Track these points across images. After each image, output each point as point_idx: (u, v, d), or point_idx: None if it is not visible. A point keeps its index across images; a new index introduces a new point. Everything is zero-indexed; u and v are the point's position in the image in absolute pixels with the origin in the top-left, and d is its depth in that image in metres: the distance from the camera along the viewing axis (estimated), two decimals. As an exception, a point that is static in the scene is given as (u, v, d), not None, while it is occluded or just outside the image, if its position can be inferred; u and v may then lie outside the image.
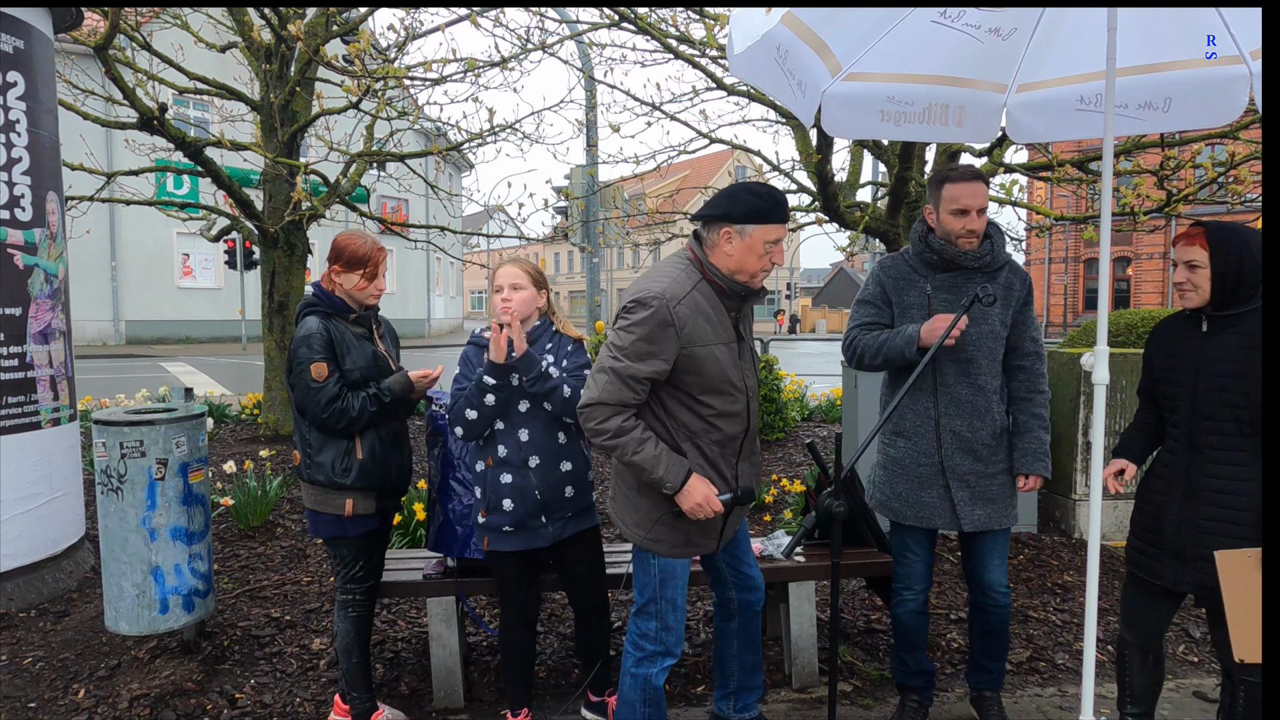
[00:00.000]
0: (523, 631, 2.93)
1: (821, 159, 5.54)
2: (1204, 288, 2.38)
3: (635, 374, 2.29)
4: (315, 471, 2.82)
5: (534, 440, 2.74)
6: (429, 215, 26.72)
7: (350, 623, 2.95)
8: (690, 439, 2.42)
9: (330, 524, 2.86)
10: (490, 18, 5.73)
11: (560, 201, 10.76)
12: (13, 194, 3.96)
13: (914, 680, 3.01)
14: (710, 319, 2.37)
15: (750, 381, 2.52)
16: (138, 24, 5.98)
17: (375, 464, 2.86)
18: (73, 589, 4.19)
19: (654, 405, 2.41)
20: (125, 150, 9.37)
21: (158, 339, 24.56)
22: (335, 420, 2.75)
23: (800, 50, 2.55)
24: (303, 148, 7.22)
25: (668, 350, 2.30)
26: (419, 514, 4.47)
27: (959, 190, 2.70)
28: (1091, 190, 8.24)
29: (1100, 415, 2.35)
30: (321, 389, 2.73)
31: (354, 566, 2.93)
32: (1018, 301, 2.82)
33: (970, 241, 2.74)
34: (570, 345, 2.88)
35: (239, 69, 7.17)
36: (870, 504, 3.06)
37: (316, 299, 2.89)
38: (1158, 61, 2.72)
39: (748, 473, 2.58)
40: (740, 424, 2.48)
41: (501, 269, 2.82)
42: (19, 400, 3.98)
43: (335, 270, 2.87)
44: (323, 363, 2.74)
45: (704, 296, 2.37)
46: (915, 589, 2.93)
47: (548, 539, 2.79)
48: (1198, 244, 2.38)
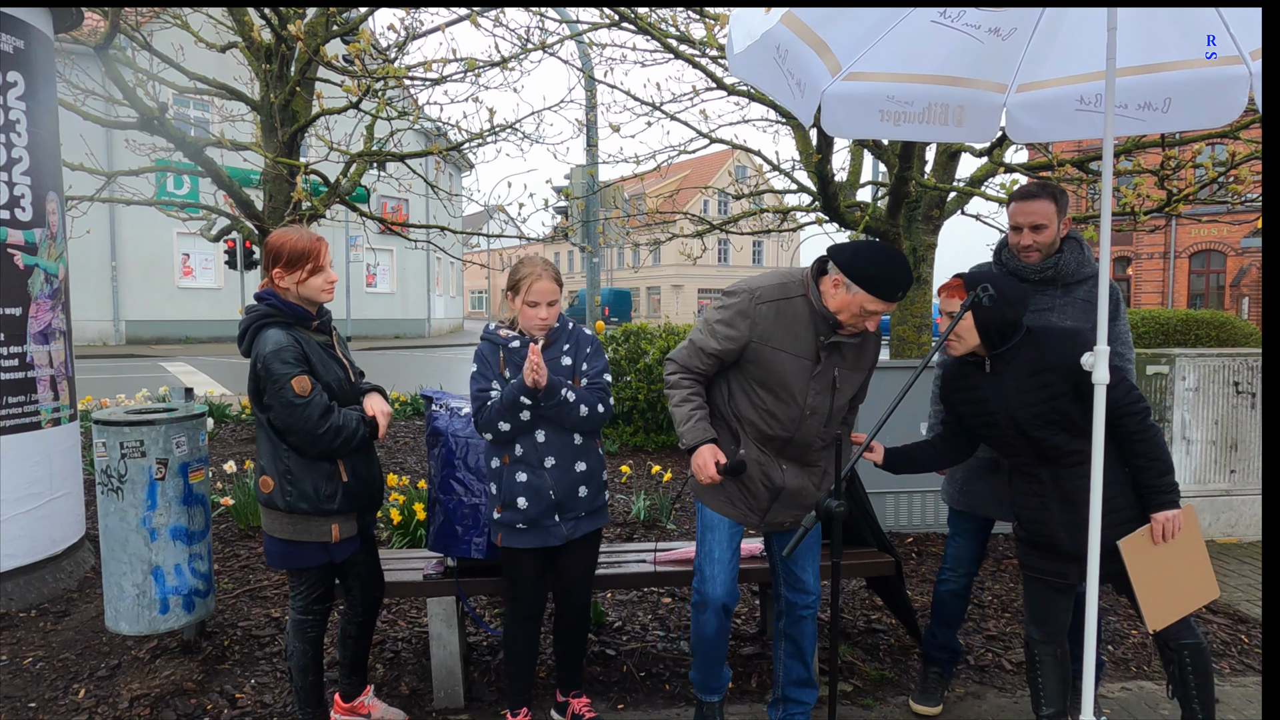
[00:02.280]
0: (529, 627, 2.91)
1: (821, 159, 5.54)
2: (967, 338, 2.51)
3: (705, 347, 2.61)
4: (297, 499, 2.59)
5: (550, 441, 2.72)
6: (429, 215, 26.74)
7: (308, 642, 2.80)
8: (740, 423, 2.67)
9: (314, 553, 2.66)
10: (490, 18, 5.73)
11: (560, 201, 10.76)
12: (13, 194, 3.96)
13: (941, 654, 3.19)
14: (791, 329, 2.57)
15: (814, 402, 2.62)
16: (138, 24, 5.97)
17: (359, 484, 2.70)
18: (73, 589, 4.20)
19: (723, 381, 2.71)
20: (125, 150, 9.36)
21: (158, 339, 24.56)
22: (331, 438, 2.54)
23: (800, 50, 2.55)
24: (303, 148, 7.22)
25: (738, 337, 2.57)
26: (419, 514, 4.47)
27: (1014, 208, 2.87)
28: (1091, 190, 8.23)
29: (1100, 415, 2.35)
30: (309, 404, 2.50)
31: (320, 587, 2.76)
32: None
33: (1030, 255, 2.86)
34: (589, 347, 2.83)
35: (239, 69, 7.17)
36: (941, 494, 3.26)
37: (274, 308, 2.59)
38: (1157, 61, 2.72)
39: (795, 476, 2.70)
40: (787, 429, 2.64)
41: (539, 284, 2.67)
42: (19, 400, 3.98)
43: (278, 274, 2.60)
44: (304, 376, 2.52)
45: (797, 309, 2.58)
46: (959, 571, 3.10)
47: (560, 538, 2.78)
48: (956, 295, 2.52)
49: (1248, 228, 25.09)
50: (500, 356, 2.76)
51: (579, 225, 10.26)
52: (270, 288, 2.63)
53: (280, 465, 2.59)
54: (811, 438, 2.68)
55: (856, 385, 2.72)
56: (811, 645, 2.85)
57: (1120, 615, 4.03)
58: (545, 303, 2.68)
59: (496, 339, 2.79)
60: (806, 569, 2.79)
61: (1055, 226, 2.82)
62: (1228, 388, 5.16)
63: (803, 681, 2.86)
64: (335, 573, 2.82)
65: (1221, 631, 3.87)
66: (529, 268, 2.70)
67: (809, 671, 2.86)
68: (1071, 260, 2.85)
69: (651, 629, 3.85)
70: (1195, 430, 5.15)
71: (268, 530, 2.68)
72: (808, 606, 2.80)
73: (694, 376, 2.66)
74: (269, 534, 2.68)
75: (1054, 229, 2.82)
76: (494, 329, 2.84)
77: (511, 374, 2.73)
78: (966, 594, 3.12)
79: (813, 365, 2.60)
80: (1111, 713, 3.14)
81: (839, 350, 2.64)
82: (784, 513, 2.75)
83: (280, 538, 2.65)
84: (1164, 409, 5.12)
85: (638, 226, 10.30)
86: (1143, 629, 3.89)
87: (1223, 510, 5.20)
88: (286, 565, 2.69)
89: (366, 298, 30.14)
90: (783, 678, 2.88)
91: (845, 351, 2.65)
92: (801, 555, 2.78)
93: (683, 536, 4.95)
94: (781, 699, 2.89)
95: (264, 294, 2.63)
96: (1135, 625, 3.93)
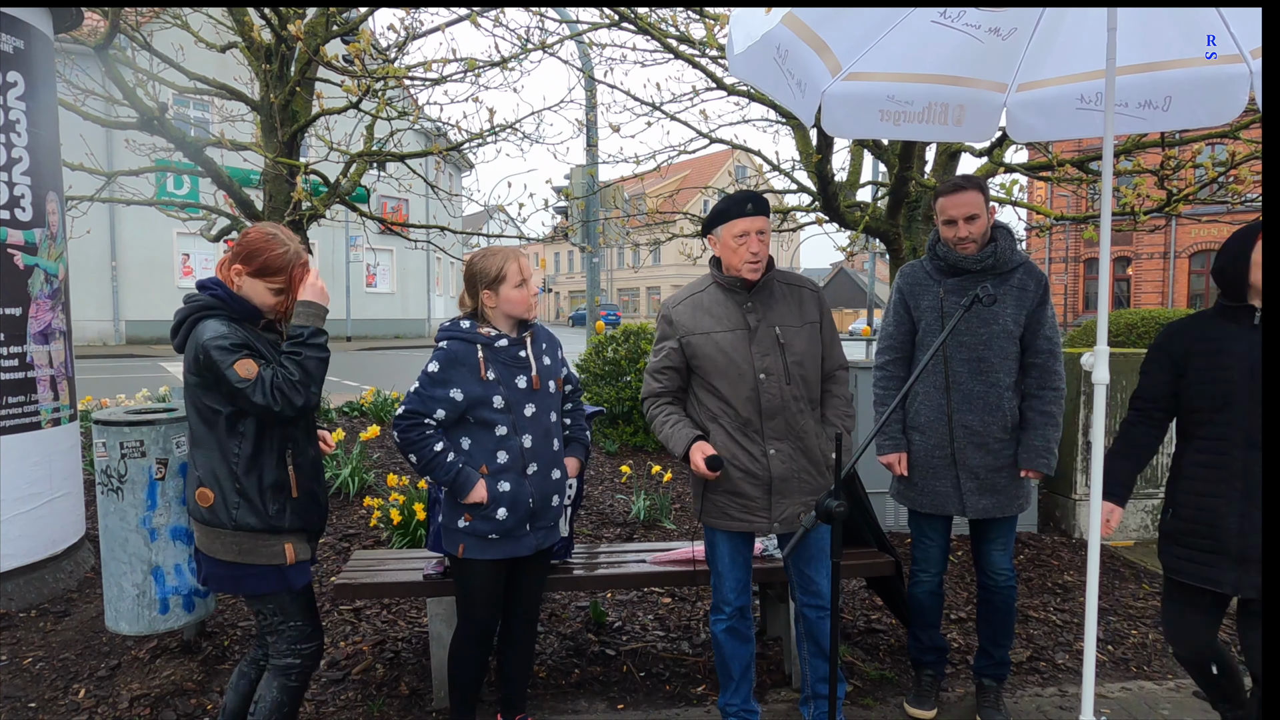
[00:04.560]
0: (482, 647, 2.71)
1: (821, 159, 5.54)
2: None
3: (652, 369, 2.80)
4: (245, 513, 2.24)
5: (535, 446, 2.63)
6: (429, 215, 26.72)
7: (287, 694, 2.38)
8: (713, 419, 2.73)
9: (269, 577, 2.30)
10: (490, 18, 5.73)
11: (560, 201, 10.76)
12: (13, 194, 3.96)
13: (928, 656, 3.20)
14: (713, 312, 2.71)
15: (764, 364, 2.66)
16: (138, 24, 5.97)
17: (307, 498, 2.37)
18: (73, 589, 4.19)
19: (690, 391, 2.83)
20: (125, 150, 9.35)
21: (158, 339, 24.54)
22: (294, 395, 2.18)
23: (800, 50, 2.55)
24: (303, 148, 7.22)
25: (669, 342, 2.75)
26: (419, 514, 4.47)
27: (944, 202, 2.92)
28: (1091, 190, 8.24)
29: (1100, 415, 2.35)
30: (254, 385, 2.15)
31: (300, 619, 2.39)
32: (1032, 301, 2.93)
33: (966, 247, 2.92)
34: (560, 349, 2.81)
35: (239, 69, 7.16)
36: (890, 492, 3.24)
37: (218, 300, 2.26)
38: (1158, 60, 2.73)
39: (785, 454, 2.69)
40: (753, 402, 2.67)
41: (523, 262, 2.59)
42: (19, 400, 3.98)
43: (237, 270, 2.28)
44: (248, 359, 2.17)
45: (710, 295, 2.76)
46: (931, 571, 3.13)
47: (530, 548, 2.65)
48: None
49: (1248, 228, 25.02)
50: (480, 356, 2.55)
51: (579, 225, 10.26)
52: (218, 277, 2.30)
53: (218, 475, 2.25)
54: (784, 402, 2.66)
55: (808, 339, 2.71)
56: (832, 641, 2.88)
57: (1120, 615, 4.03)
58: (529, 279, 2.62)
59: (475, 336, 2.57)
60: (817, 569, 2.78)
61: (985, 216, 2.89)
62: (1228, 388, 5.15)
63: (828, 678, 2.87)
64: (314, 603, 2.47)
65: (1221, 631, 3.87)
66: (501, 256, 2.58)
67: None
68: (1006, 248, 2.91)
69: (651, 629, 3.85)
70: (1195, 430, 5.14)
71: (206, 551, 2.30)
72: (821, 608, 2.80)
73: (662, 400, 2.81)
74: (208, 555, 2.30)
75: (984, 218, 2.89)
76: (469, 326, 2.60)
77: (496, 375, 2.55)
78: (941, 591, 3.16)
79: (747, 332, 2.69)
80: (1111, 713, 3.14)
81: (769, 308, 2.71)
82: (789, 505, 2.70)
83: (227, 559, 2.28)
84: (1164, 409, 5.11)
85: (638, 226, 10.30)
86: (1143, 629, 3.89)
87: (1223, 510, 5.19)
88: (248, 591, 2.32)
89: (366, 298, 30.14)
90: (810, 676, 2.89)
91: (776, 308, 2.71)
92: (814, 558, 2.77)
93: (683, 536, 4.95)
94: (812, 696, 2.91)
95: (209, 282, 2.29)
96: (1135, 625, 3.93)
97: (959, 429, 2.94)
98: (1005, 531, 3.00)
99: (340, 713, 3.12)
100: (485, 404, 2.54)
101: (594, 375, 6.85)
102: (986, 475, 2.92)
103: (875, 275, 19.71)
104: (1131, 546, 5.08)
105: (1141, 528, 5.16)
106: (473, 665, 2.72)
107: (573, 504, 3.27)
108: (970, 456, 2.93)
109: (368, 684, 3.32)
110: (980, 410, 2.92)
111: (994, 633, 3.08)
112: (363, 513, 5.11)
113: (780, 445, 2.69)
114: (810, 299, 2.78)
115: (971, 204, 2.86)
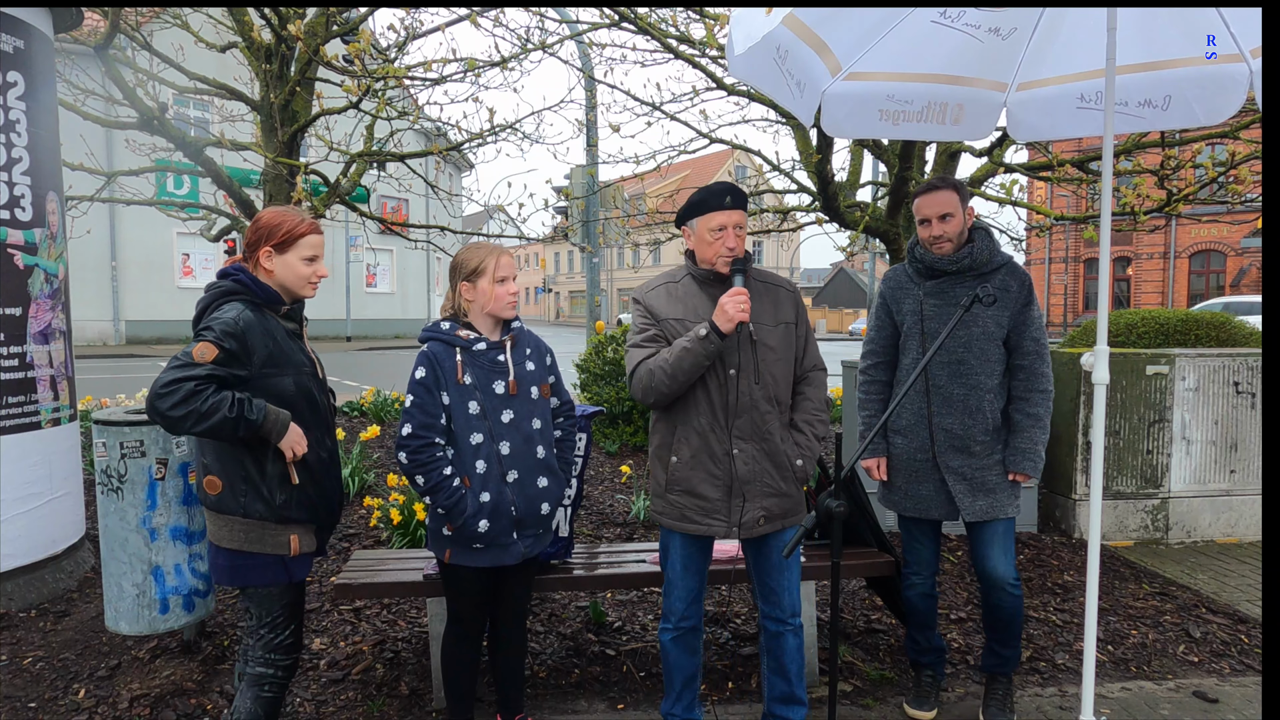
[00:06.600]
0: (473, 645, 2.70)
1: (821, 159, 5.54)
2: None
3: (640, 340, 2.64)
4: (253, 500, 2.25)
5: (515, 453, 2.54)
6: (429, 215, 26.73)
7: (263, 705, 2.33)
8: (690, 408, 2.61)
9: (270, 568, 2.29)
10: (490, 18, 5.73)
11: (560, 201, 10.76)
12: (13, 194, 3.96)
13: (926, 657, 3.19)
14: (685, 302, 2.65)
15: (737, 360, 2.56)
16: (138, 24, 5.97)
17: (315, 490, 2.37)
18: (73, 589, 4.19)
19: None
20: (125, 150, 9.36)
21: (158, 339, 24.56)
22: (176, 407, 2.05)
23: (800, 50, 2.55)
24: (303, 148, 7.22)
25: (651, 324, 2.64)
26: (419, 514, 4.47)
27: (919, 202, 2.93)
28: (1091, 190, 8.24)
29: (1100, 415, 2.35)
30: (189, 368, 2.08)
31: (285, 630, 2.36)
32: (1016, 303, 2.91)
33: (941, 246, 2.92)
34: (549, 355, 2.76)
35: (239, 69, 7.16)
36: (876, 496, 3.21)
37: (242, 285, 2.27)
38: (1158, 60, 2.73)
39: (749, 455, 2.57)
40: (719, 402, 2.57)
41: (505, 259, 2.56)
42: (19, 400, 3.98)
43: (266, 253, 2.30)
44: (216, 349, 2.13)
45: (684, 286, 2.68)
46: (923, 574, 3.12)
47: (517, 556, 2.59)
48: None
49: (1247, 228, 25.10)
50: (458, 360, 2.50)
51: (579, 225, 10.26)
52: (241, 264, 2.31)
53: (226, 460, 2.25)
54: (753, 401, 2.56)
55: (781, 339, 2.63)
56: (795, 662, 2.70)
57: (1120, 615, 4.03)
58: (511, 277, 2.56)
59: (454, 339, 2.53)
60: (781, 581, 2.66)
61: (961, 216, 2.89)
62: (1228, 388, 5.16)
63: (787, 698, 2.72)
64: (303, 608, 2.46)
65: (1221, 632, 3.87)
66: (484, 250, 2.57)
67: (793, 687, 2.71)
68: (984, 249, 2.90)
69: (651, 629, 3.85)
70: (1195, 430, 5.15)
71: (214, 539, 2.32)
72: (782, 622, 2.67)
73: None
74: (215, 544, 2.32)
75: (960, 218, 2.89)
76: (448, 328, 2.56)
77: (471, 379, 2.50)
78: (934, 592, 3.14)
79: None
80: (1111, 713, 3.14)
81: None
82: (750, 509, 2.58)
83: (229, 547, 2.28)
84: (1164, 409, 5.12)
85: (638, 226, 10.30)
86: (1143, 629, 3.89)
87: (1223, 510, 5.20)
88: (244, 583, 2.31)
89: (366, 298, 30.16)
90: (767, 694, 2.76)
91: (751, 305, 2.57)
92: (775, 567, 2.65)
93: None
94: (768, 715, 2.78)
95: (232, 269, 2.30)
96: (1135, 625, 3.93)
97: (939, 432, 2.92)
98: (1004, 536, 2.92)
99: (340, 713, 3.12)
100: (461, 409, 2.51)
101: (594, 375, 6.85)
102: (974, 474, 2.90)
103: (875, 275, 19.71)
104: (1131, 546, 5.08)
105: (1141, 528, 5.16)
106: (462, 664, 2.74)
107: (573, 504, 3.27)
108: (951, 459, 2.91)
109: (368, 684, 3.32)
110: (960, 413, 2.90)
111: (1001, 636, 3.04)
112: (363, 513, 5.11)
113: (745, 446, 2.57)
114: (787, 299, 2.70)
115: (945, 203, 2.86)
